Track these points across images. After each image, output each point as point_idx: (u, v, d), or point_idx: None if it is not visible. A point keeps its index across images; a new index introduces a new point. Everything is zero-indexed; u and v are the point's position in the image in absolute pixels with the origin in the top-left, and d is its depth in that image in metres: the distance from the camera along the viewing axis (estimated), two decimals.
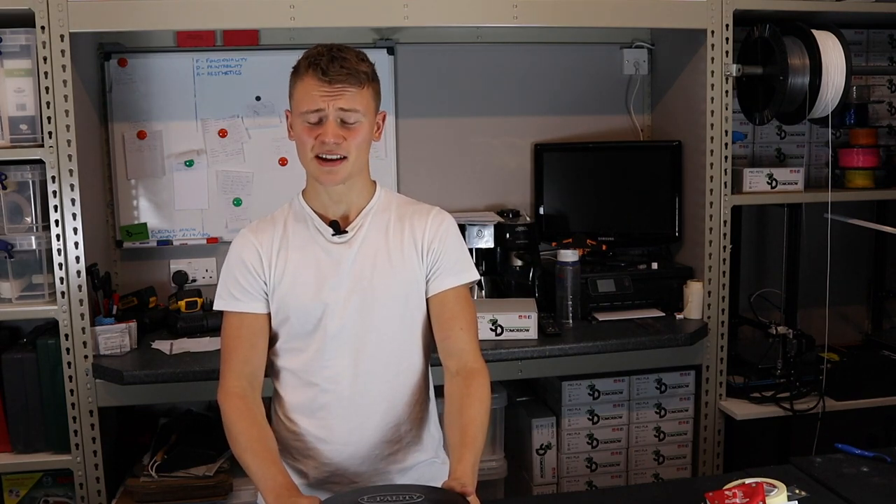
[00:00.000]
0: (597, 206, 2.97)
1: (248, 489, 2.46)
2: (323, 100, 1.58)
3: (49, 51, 2.24)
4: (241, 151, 2.84)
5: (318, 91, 1.58)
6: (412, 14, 2.39)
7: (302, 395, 1.69)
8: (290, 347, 1.69)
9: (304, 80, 1.61)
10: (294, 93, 1.64)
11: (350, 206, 1.70)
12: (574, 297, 2.64)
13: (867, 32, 3.00)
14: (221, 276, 1.73)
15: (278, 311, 1.68)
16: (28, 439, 2.41)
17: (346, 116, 1.60)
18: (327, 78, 1.57)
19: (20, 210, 2.38)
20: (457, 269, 1.72)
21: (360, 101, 1.60)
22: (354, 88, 1.59)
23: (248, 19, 2.36)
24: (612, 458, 2.71)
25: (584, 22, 2.53)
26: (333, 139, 1.59)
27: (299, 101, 1.62)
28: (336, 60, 1.58)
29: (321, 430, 1.69)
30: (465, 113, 2.98)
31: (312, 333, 1.67)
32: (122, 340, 2.41)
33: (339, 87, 1.58)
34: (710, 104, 2.60)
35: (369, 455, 1.69)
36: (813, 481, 1.65)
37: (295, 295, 1.66)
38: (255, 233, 1.71)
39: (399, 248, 1.69)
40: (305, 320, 1.66)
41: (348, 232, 1.68)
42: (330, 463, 1.69)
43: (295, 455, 1.72)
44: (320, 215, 1.70)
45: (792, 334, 2.66)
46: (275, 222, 1.73)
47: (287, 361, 1.70)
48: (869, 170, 2.84)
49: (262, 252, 1.68)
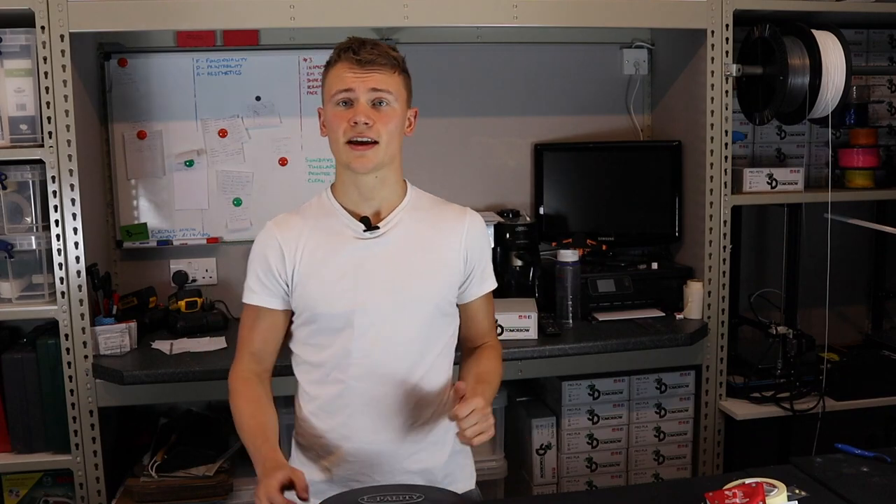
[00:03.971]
0: (597, 206, 2.97)
1: (248, 489, 2.46)
2: (353, 80, 1.59)
3: (49, 51, 2.24)
4: (241, 151, 2.84)
5: (350, 72, 1.60)
6: (412, 14, 2.39)
7: (325, 392, 1.69)
8: (316, 343, 1.68)
9: (336, 66, 1.63)
10: (326, 82, 1.65)
11: (381, 203, 1.69)
12: (574, 297, 2.64)
13: (867, 32, 3.00)
14: (247, 265, 1.73)
15: (304, 308, 1.67)
16: (28, 439, 2.41)
17: (377, 98, 1.60)
18: (358, 57, 1.59)
19: (20, 210, 2.38)
20: (487, 275, 1.79)
21: (391, 83, 1.61)
22: (386, 70, 1.61)
23: (248, 19, 2.36)
24: (612, 458, 2.71)
25: (584, 22, 2.53)
26: (364, 118, 1.58)
27: (330, 84, 1.63)
28: (367, 43, 1.61)
29: (344, 427, 1.68)
30: (465, 113, 2.98)
31: (340, 331, 1.65)
32: (122, 340, 2.41)
33: (371, 67, 1.59)
34: (710, 104, 2.60)
35: (392, 454, 1.68)
36: (813, 481, 1.65)
37: (322, 292, 1.65)
38: (280, 227, 1.70)
39: (435, 249, 1.69)
40: (333, 318, 1.65)
41: (380, 228, 1.67)
42: (353, 461, 1.68)
43: (319, 452, 1.71)
44: (350, 211, 1.68)
45: (792, 334, 2.66)
46: (302, 216, 1.71)
47: (312, 356, 1.69)
48: (869, 170, 2.84)
49: (284, 248, 1.67)
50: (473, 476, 1.84)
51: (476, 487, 1.84)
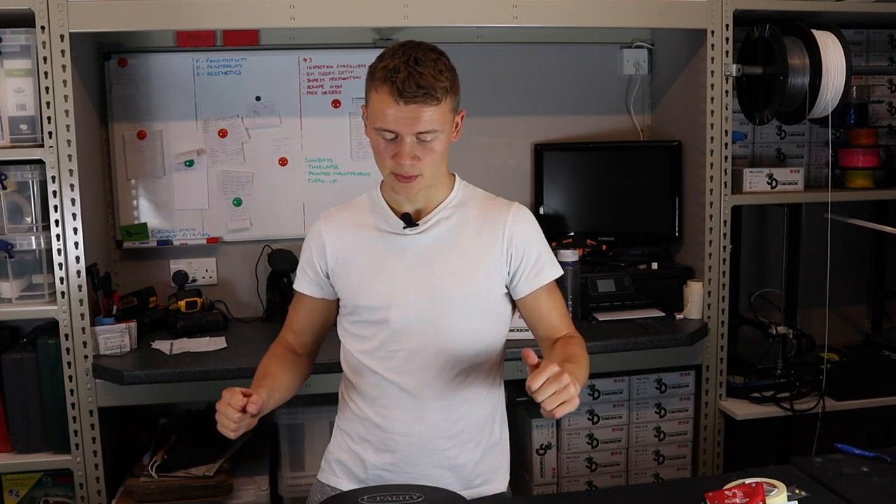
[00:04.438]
0: (597, 206, 2.97)
1: (247, 489, 2.47)
2: (397, 123, 1.52)
3: (49, 51, 2.24)
4: (241, 151, 2.84)
5: (393, 110, 1.51)
6: (412, 14, 2.39)
7: (365, 382, 1.71)
8: (357, 334, 1.72)
9: (378, 93, 1.53)
10: (369, 101, 1.58)
11: (427, 202, 1.69)
12: (574, 297, 2.64)
13: (867, 32, 3.00)
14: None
15: (345, 300, 1.72)
16: (28, 439, 2.41)
17: (423, 136, 1.55)
18: (403, 99, 1.50)
19: (20, 210, 2.38)
20: (541, 266, 1.70)
21: (438, 119, 1.54)
22: (431, 108, 1.52)
23: (248, 19, 2.36)
24: (612, 458, 2.71)
25: (584, 22, 2.53)
26: (409, 161, 1.56)
27: (374, 115, 1.56)
28: (412, 77, 1.50)
29: (380, 417, 1.70)
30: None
31: (379, 324, 1.67)
32: (122, 340, 2.41)
33: (415, 107, 1.51)
34: (710, 104, 2.60)
35: (425, 448, 1.69)
36: (813, 481, 1.65)
37: (362, 286, 1.68)
38: (328, 220, 1.75)
39: (476, 245, 1.68)
40: (371, 311, 1.67)
41: (419, 225, 1.67)
42: (386, 451, 1.70)
43: (355, 438, 1.74)
44: (394, 209, 1.70)
45: (792, 334, 2.66)
46: (351, 210, 1.75)
47: (355, 345, 1.72)
48: (869, 170, 2.84)
49: (327, 241, 1.72)
50: (507, 477, 1.81)
51: (509, 490, 1.81)
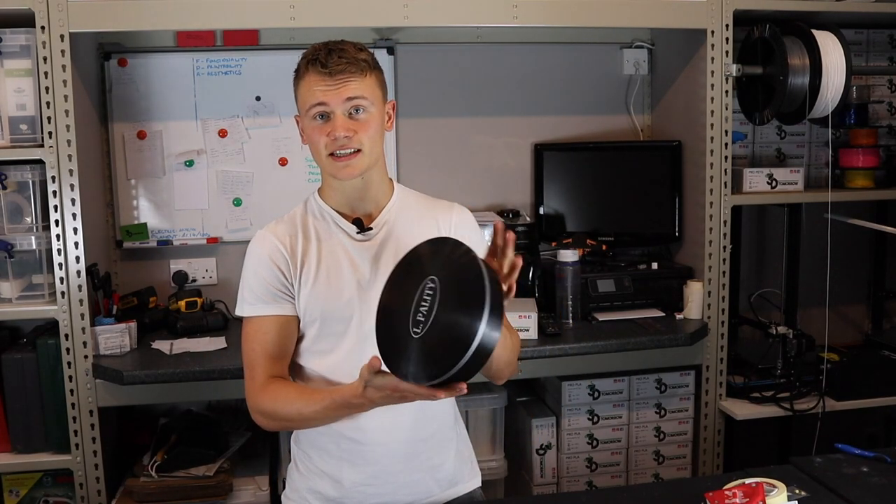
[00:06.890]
0: (597, 206, 2.97)
1: (247, 489, 2.47)
2: (326, 93, 1.57)
3: (49, 51, 2.24)
4: (241, 151, 2.84)
5: (321, 85, 1.57)
6: (412, 14, 2.39)
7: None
8: (318, 349, 1.66)
9: (305, 79, 1.60)
10: (298, 94, 1.63)
11: (371, 204, 1.69)
12: (574, 297, 2.64)
13: (867, 32, 3.00)
14: (244, 279, 1.68)
15: (305, 313, 1.65)
16: (28, 439, 2.41)
17: (352, 106, 1.58)
18: (327, 70, 1.57)
19: (20, 210, 2.38)
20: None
21: (365, 88, 1.59)
22: (357, 77, 1.58)
23: (248, 19, 2.36)
24: (612, 458, 2.71)
25: (584, 22, 2.53)
26: (344, 132, 1.58)
27: (304, 99, 1.61)
28: (334, 52, 1.58)
29: (354, 431, 1.65)
30: (465, 113, 2.98)
31: (343, 335, 1.64)
32: (122, 340, 2.41)
33: (341, 77, 1.57)
34: (710, 104, 2.60)
35: (404, 454, 1.68)
36: (813, 481, 1.65)
37: (324, 296, 1.63)
38: (276, 233, 1.68)
39: None
40: (335, 321, 1.64)
41: (373, 229, 1.67)
42: (364, 465, 1.67)
43: (327, 460, 1.69)
44: (341, 214, 1.69)
45: (792, 334, 2.66)
46: (293, 222, 1.70)
47: (315, 364, 1.67)
48: (869, 170, 2.84)
49: (286, 252, 1.65)
50: (478, 475, 1.84)
51: (479, 488, 1.84)
